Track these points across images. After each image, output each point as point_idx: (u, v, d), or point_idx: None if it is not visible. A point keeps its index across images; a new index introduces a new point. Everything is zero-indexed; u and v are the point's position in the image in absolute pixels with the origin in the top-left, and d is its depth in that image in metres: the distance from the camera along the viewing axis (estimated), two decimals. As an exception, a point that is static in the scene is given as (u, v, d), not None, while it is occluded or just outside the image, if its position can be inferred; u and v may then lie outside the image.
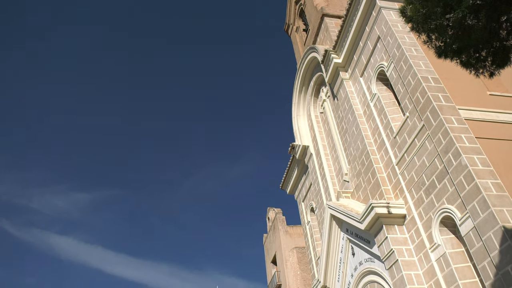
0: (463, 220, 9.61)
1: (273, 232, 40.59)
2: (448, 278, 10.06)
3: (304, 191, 21.32)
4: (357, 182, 14.75)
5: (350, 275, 14.35)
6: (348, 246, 14.56)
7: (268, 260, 42.07)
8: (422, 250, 11.04)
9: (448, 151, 10.23)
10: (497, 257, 8.56)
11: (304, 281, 34.09)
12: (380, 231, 11.91)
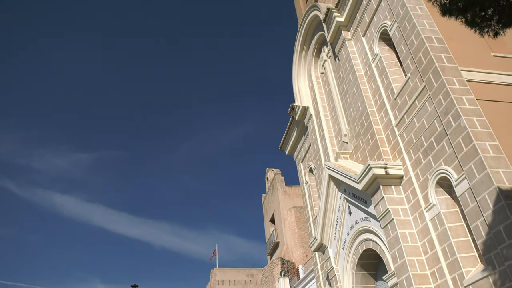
0: (459, 181, 9.75)
1: (272, 192, 41.27)
2: (441, 236, 10.34)
3: (303, 152, 21.47)
4: (356, 143, 14.83)
5: (346, 233, 14.74)
6: (345, 205, 14.85)
7: (266, 219, 43.05)
8: (417, 210, 11.28)
9: (448, 113, 10.22)
10: (490, 216, 8.76)
11: (301, 239, 35.04)
12: (377, 191, 12.12)
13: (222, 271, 61.97)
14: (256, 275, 60.71)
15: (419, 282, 10.52)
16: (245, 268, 64.05)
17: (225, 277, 60.98)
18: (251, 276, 61.80)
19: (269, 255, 40.28)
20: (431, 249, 10.65)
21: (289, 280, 27.13)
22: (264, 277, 33.73)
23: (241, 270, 63.53)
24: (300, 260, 32.73)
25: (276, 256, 34.91)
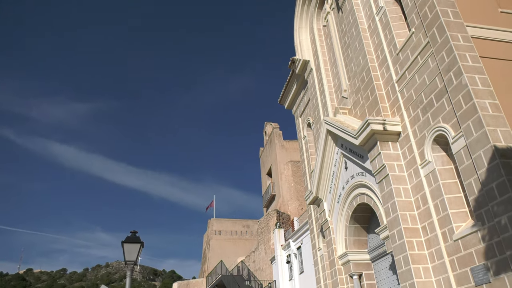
0: (456, 138, 9.81)
1: (270, 146, 41.54)
2: (435, 192, 10.55)
3: (302, 106, 21.39)
4: (356, 99, 14.75)
5: (342, 188, 15.02)
6: (341, 160, 15.02)
7: (263, 173, 43.66)
8: (412, 166, 11.43)
9: (450, 70, 10.09)
10: (484, 174, 8.90)
11: (297, 192, 35.73)
12: (374, 147, 12.21)
13: (219, 222, 63.73)
14: (252, 226, 62.54)
15: (410, 235, 10.86)
16: (241, 219, 65.87)
17: (222, 227, 62.82)
18: (247, 227, 63.67)
19: (265, 207, 41.25)
20: (423, 204, 10.90)
21: (284, 232, 27.96)
22: (260, 228, 34.73)
23: (237, 221, 65.36)
24: (295, 212, 33.58)
25: (272, 209, 35.76)
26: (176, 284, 43.57)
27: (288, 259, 25.90)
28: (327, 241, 16.03)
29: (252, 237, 59.39)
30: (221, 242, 60.62)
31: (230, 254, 53.57)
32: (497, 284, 8.50)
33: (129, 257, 6.80)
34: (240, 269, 33.87)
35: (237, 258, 41.40)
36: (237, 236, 62.63)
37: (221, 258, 40.38)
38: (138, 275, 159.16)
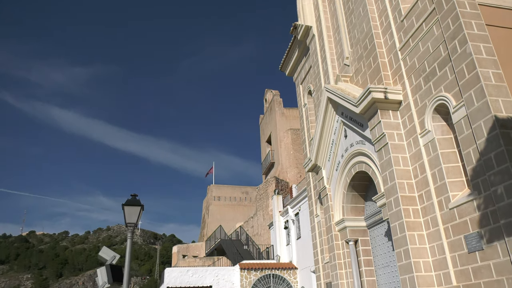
0: (457, 108, 9.76)
1: (270, 113, 41.42)
2: (433, 161, 10.61)
3: (303, 73, 21.17)
4: (357, 67, 14.57)
5: (341, 156, 15.10)
6: (341, 128, 15.02)
7: (263, 140, 43.76)
8: (412, 135, 11.44)
9: (455, 38, 9.91)
10: (483, 144, 8.92)
11: (296, 160, 35.95)
12: (374, 115, 12.18)
13: (218, 188, 64.50)
14: (250, 192, 63.35)
15: (407, 203, 11.02)
16: (240, 186, 66.66)
17: (221, 194, 63.66)
18: (246, 194, 64.53)
19: (264, 174, 41.61)
20: (421, 173, 10.99)
21: (282, 198, 28.35)
22: (259, 195, 35.19)
23: (237, 187, 66.16)
24: (294, 180, 33.92)
25: (271, 176, 36.09)
26: (176, 247, 44.59)
27: (286, 225, 26.39)
28: (324, 208, 16.28)
29: (251, 203, 60.27)
30: (220, 207, 61.57)
31: (229, 220, 54.55)
32: (490, 251, 8.70)
33: (130, 219, 6.93)
34: (239, 234, 34.58)
35: (236, 224, 42.19)
36: (236, 202, 63.55)
37: (220, 223, 41.16)
38: (139, 239, 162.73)
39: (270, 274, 23.89)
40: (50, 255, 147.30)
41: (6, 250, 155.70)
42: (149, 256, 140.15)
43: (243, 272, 23.46)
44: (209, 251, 36.70)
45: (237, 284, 23.29)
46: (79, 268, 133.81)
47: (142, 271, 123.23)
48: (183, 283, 22.19)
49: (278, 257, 26.40)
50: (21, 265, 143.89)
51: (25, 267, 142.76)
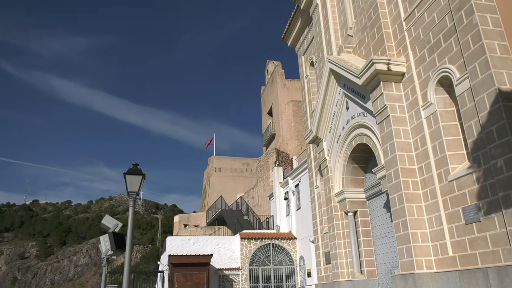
0: (460, 80, 9.67)
1: (271, 84, 41.11)
2: (434, 134, 10.60)
3: (306, 44, 20.85)
4: (361, 37, 14.33)
5: (342, 128, 15.08)
6: (343, 100, 14.93)
7: (264, 112, 43.62)
8: (414, 108, 11.38)
9: (461, 8, 9.69)
10: (485, 117, 8.88)
11: (297, 132, 35.95)
12: (377, 87, 12.08)
13: (219, 159, 64.82)
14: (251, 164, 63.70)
15: (406, 175, 11.08)
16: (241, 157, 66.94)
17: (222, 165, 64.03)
18: (246, 165, 64.89)
19: (265, 146, 41.72)
20: (422, 145, 11.00)
21: (282, 170, 28.52)
22: (259, 166, 35.39)
23: (237, 159, 66.47)
24: (294, 151, 34.02)
25: (272, 147, 36.19)
26: (177, 217, 45.28)
27: (286, 196, 26.67)
28: (324, 180, 16.40)
29: (251, 175, 60.73)
30: (221, 178, 62.08)
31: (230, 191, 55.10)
32: (487, 223, 8.82)
33: (131, 188, 7.00)
34: (239, 204, 35.02)
35: (236, 194, 42.64)
36: (237, 173, 64.00)
37: (221, 194, 41.61)
38: (141, 208, 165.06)
39: (269, 244, 24.34)
40: (54, 223, 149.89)
41: (11, 219, 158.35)
42: (151, 225, 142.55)
43: (243, 241, 23.90)
44: (210, 220, 37.27)
45: (237, 252, 23.77)
46: (82, 237, 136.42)
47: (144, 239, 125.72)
48: (184, 251, 22.66)
49: (278, 227, 26.82)
50: (25, 233, 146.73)
51: (30, 234, 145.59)
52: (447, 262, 9.92)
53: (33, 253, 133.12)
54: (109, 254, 9.31)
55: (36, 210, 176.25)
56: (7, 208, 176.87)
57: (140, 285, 27.67)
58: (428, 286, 10.11)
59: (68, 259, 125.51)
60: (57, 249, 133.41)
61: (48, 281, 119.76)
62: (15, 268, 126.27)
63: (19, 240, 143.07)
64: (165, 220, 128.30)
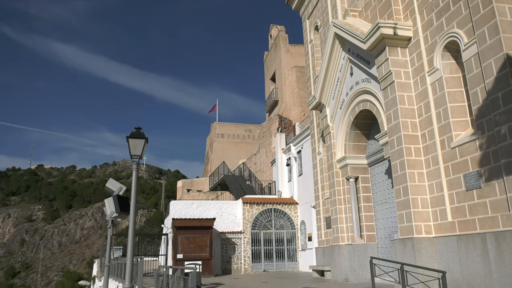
0: (468, 45, 9.46)
1: (275, 49, 40.46)
2: (439, 100, 10.50)
3: (310, 7, 20.33)
4: (367, 0, 13.94)
5: (345, 94, 14.94)
6: (347, 65, 14.71)
7: (267, 78, 43.16)
8: (419, 74, 11.22)
9: (472, -31, 9.35)
10: (492, 83, 8.76)
11: (300, 98, 35.72)
12: (382, 52, 11.86)
13: (222, 125, 64.83)
14: (254, 130, 63.72)
15: (409, 142, 11.08)
16: (243, 123, 66.91)
17: (224, 131, 64.10)
18: (249, 132, 64.94)
19: (268, 112, 41.57)
20: (426, 112, 10.93)
21: (285, 136, 28.53)
22: (262, 132, 35.41)
23: (240, 125, 66.45)
24: (297, 118, 33.93)
25: (275, 114, 36.07)
26: (181, 182, 45.82)
27: (288, 162, 26.83)
28: (327, 146, 16.43)
29: (254, 141, 60.89)
30: (224, 145, 62.32)
31: (232, 157, 55.42)
32: (487, 189, 8.88)
33: (135, 151, 7.03)
34: (242, 170, 35.31)
35: (239, 160, 42.93)
36: (239, 139, 64.16)
37: (223, 160, 41.89)
38: (144, 174, 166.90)
39: (271, 209, 24.72)
40: (59, 187, 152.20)
41: (17, 183, 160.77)
42: (154, 190, 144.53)
43: (246, 206, 24.28)
44: (213, 186, 37.73)
45: (240, 217, 24.20)
46: (87, 201, 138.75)
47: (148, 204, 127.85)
48: (187, 215, 23.07)
49: (280, 193, 27.16)
50: (31, 197, 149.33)
51: (36, 198, 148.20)
52: (446, 227, 10.07)
53: (40, 216, 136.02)
54: (114, 217, 9.49)
55: (41, 174, 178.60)
56: (12, 172, 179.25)
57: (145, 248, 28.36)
58: (426, 250, 10.33)
59: (74, 222, 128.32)
60: (63, 212, 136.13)
61: (56, 243, 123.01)
62: (23, 230, 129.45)
63: (25, 203, 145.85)
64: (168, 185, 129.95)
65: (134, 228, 6.96)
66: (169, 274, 9.55)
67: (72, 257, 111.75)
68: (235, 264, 23.36)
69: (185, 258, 20.39)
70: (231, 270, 23.18)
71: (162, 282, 9.58)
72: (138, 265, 10.05)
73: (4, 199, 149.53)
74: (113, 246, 26.18)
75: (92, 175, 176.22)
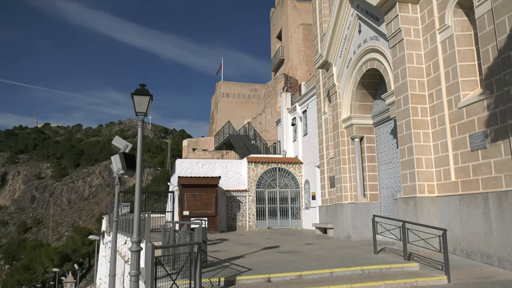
0: (482, 1, 9.12)
1: (281, 6, 39.34)
2: (448, 59, 10.28)
3: (319, -39, 19.52)
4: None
5: (353, 52, 14.65)
6: (356, 23, 14.32)
7: (273, 36, 42.25)
8: (429, 31, 10.91)
9: None
10: (504, 41, 8.52)
11: (306, 57, 35.12)
12: (392, 9, 11.49)
13: (227, 85, 64.33)
14: (259, 90, 63.22)
15: (416, 101, 10.96)
16: (249, 83, 66.32)
17: (230, 91, 63.68)
18: (254, 91, 64.47)
19: (273, 71, 41.04)
20: (434, 71, 10.73)
21: (290, 96, 28.31)
22: (267, 92, 35.14)
23: (245, 84, 65.89)
24: (303, 77, 33.52)
25: (280, 73, 35.61)
26: (186, 141, 46.11)
27: (293, 122, 26.78)
28: (332, 105, 16.32)
29: (259, 101, 60.59)
30: (229, 104, 62.12)
31: (237, 116, 55.38)
32: (493, 149, 8.87)
33: (139, 109, 7.03)
34: (247, 129, 35.36)
35: (244, 120, 42.91)
36: (245, 99, 63.85)
37: (228, 120, 41.88)
38: (150, 133, 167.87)
39: (276, 168, 24.97)
40: (66, 146, 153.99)
41: (25, 141, 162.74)
42: (160, 149, 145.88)
43: (251, 165, 24.53)
44: (218, 145, 37.97)
45: (245, 175, 24.51)
46: (94, 159, 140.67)
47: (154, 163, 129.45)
48: (193, 174, 23.39)
49: (285, 152, 27.32)
50: (39, 155, 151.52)
51: (44, 156, 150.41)
52: (449, 187, 10.16)
53: (49, 174, 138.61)
54: (121, 174, 9.65)
55: (48, 133, 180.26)
56: (20, 130, 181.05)
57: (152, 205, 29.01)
58: (428, 209, 10.48)
59: (82, 180, 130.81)
60: (71, 170, 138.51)
61: (65, 200, 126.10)
62: (32, 187, 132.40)
63: (34, 161, 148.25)
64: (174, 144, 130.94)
65: (141, 184, 7.09)
66: (175, 229, 9.81)
67: (81, 214, 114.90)
68: (240, 221, 23.93)
69: (191, 215, 20.89)
70: (236, 227, 23.78)
71: (169, 236, 9.87)
72: (145, 220, 10.33)
73: (13, 157, 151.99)
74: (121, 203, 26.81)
75: (98, 134, 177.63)
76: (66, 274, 57.41)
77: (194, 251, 6.61)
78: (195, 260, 6.54)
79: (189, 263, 6.61)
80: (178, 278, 6.57)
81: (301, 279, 8.03)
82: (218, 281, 7.62)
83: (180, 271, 6.74)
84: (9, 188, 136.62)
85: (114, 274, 10.52)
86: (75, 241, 71.24)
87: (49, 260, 68.04)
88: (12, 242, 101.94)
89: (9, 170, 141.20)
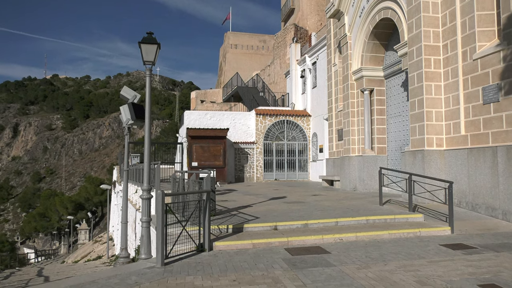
0: None
1: (292, -48, 37.48)
2: (466, 8, 9.86)
3: None
4: None
5: (366, 0, 14.10)
6: (370, -31, 13.65)
7: (283, -17, 40.58)
8: (448, -22, 10.39)
9: None
10: (526, -12, 8.11)
11: (317, 6, 33.94)
12: (409, -47, 10.90)
13: (236, 36, 62.90)
14: (268, 41, 61.78)
15: (429, 53, 10.66)
16: (258, 34, 64.75)
17: (238, 42, 62.34)
18: (263, 42, 63.06)
19: (283, 21, 39.87)
20: (450, 21, 10.34)
21: (300, 47, 27.66)
22: (276, 43, 34.34)
23: (254, 35, 64.37)
24: (314, 28, 32.57)
25: (290, 23, 34.59)
26: (194, 93, 45.87)
27: (303, 73, 26.35)
28: (343, 57, 15.96)
29: (268, 53, 59.45)
30: (237, 55, 61.10)
31: (246, 68, 54.62)
32: (505, 103, 8.71)
33: (147, 57, 6.93)
34: (255, 81, 34.97)
35: (253, 72, 42.31)
36: (253, 50, 62.68)
37: (237, 71, 41.31)
38: (158, 85, 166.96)
39: (284, 120, 24.93)
40: (75, 97, 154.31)
41: (34, 92, 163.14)
42: (168, 101, 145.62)
43: (259, 117, 24.50)
44: (226, 97, 37.77)
45: (253, 127, 24.56)
46: (104, 111, 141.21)
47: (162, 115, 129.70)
48: (201, 126, 23.49)
49: (293, 105, 27.15)
50: (49, 106, 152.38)
51: (54, 108, 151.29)
52: (458, 140, 10.11)
53: (59, 125, 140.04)
54: (130, 124, 9.70)
55: (57, 84, 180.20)
56: (29, 81, 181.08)
57: (161, 156, 29.44)
58: (435, 162, 10.50)
59: (92, 131, 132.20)
60: (81, 121, 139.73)
61: (76, 151, 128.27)
62: (44, 138, 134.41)
63: (44, 113, 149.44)
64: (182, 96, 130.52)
65: (150, 132, 7.14)
66: (184, 178, 10.00)
67: (92, 164, 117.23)
68: (247, 173, 24.29)
69: (199, 166, 21.21)
70: (244, 178, 24.18)
71: (178, 185, 10.08)
72: (155, 170, 10.51)
73: (24, 108, 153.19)
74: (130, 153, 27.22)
75: (106, 85, 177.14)
76: (80, 222, 59.58)
77: (203, 199, 6.76)
78: (204, 208, 6.72)
79: (198, 211, 6.79)
80: (187, 225, 6.78)
81: (307, 227, 8.25)
82: (227, 228, 7.86)
83: (190, 218, 6.95)
84: (22, 139, 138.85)
85: (126, 221, 10.88)
86: (88, 191, 73.21)
87: (64, 208, 70.36)
88: (27, 191, 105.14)
89: (20, 121, 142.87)
